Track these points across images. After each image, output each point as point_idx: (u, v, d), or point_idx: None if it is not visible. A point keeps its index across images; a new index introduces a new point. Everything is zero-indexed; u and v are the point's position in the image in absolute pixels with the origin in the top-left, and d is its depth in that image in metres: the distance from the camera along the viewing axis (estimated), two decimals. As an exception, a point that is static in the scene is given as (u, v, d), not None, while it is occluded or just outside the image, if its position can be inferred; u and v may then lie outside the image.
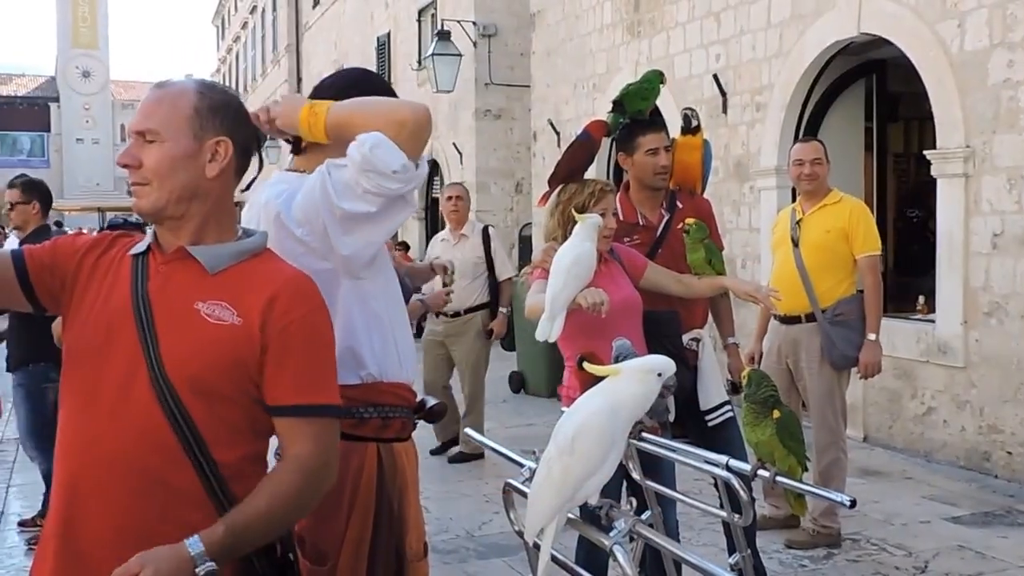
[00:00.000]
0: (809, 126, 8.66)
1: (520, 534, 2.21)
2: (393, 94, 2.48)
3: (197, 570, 1.66)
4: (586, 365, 2.03)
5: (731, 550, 3.94)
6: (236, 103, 1.96)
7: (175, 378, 1.78)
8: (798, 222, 5.28)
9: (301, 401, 1.85)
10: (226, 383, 1.81)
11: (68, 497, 1.80)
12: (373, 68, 18.88)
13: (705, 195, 4.43)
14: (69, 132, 62.01)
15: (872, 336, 5.13)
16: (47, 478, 5.48)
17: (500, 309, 7.32)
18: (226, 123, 1.90)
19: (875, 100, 8.85)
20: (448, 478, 6.73)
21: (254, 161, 2.05)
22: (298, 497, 1.82)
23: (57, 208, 43.41)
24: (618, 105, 4.10)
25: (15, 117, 62.48)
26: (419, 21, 17.96)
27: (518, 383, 10.41)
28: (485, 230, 7.39)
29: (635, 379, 1.97)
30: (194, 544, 1.68)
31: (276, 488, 1.80)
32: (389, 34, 19.60)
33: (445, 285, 5.07)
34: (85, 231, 3.24)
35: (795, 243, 5.25)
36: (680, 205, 4.14)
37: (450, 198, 7.31)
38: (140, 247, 1.92)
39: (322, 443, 1.86)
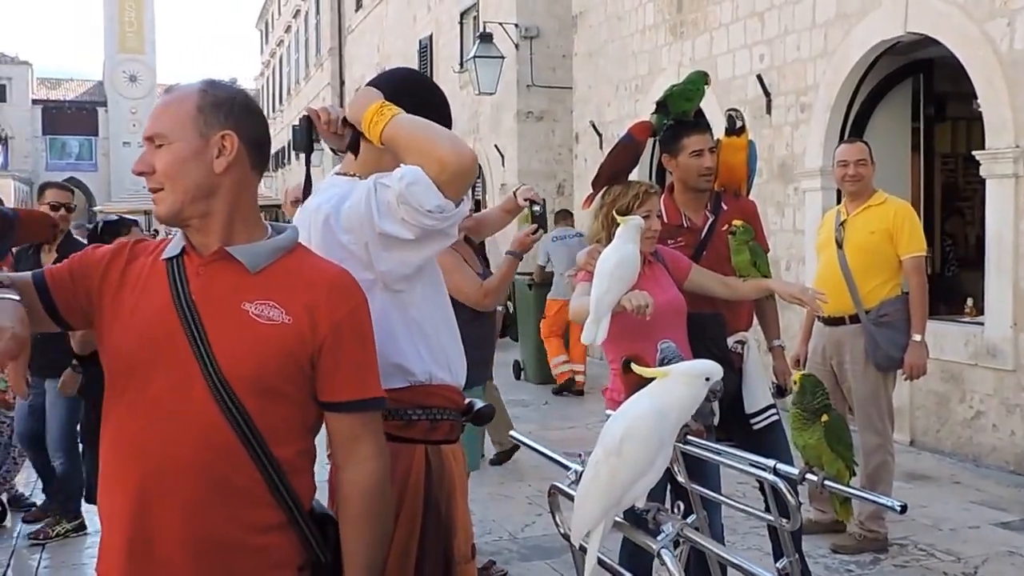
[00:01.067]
0: (855, 127, 8.57)
1: (566, 537, 2.21)
2: (439, 93, 2.48)
3: None
4: (634, 367, 2.02)
5: (776, 554, 3.90)
6: (241, 97, 1.95)
7: (232, 379, 1.79)
8: (842, 223, 5.24)
9: (356, 396, 1.90)
10: (281, 381, 1.83)
11: (137, 505, 1.80)
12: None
13: (750, 196, 4.40)
14: (116, 136, 62.86)
15: (917, 337, 5.07)
16: (64, 479, 5.64)
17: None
18: (231, 117, 1.88)
19: (922, 100, 8.74)
20: (491, 480, 6.74)
21: (295, 167, 2.06)
22: (386, 499, 1.97)
23: (105, 211, 44.06)
24: (662, 106, 4.08)
25: (64, 121, 63.49)
26: (461, 24, 18.00)
27: (517, 371, 11.35)
28: None
29: (682, 382, 1.96)
30: None
31: (371, 508, 1.92)
32: (431, 37, 19.66)
33: (534, 215, 4.58)
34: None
35: (839, 244, 5.21)
36: (725, 207, 4.12)
37: None
38: (173, 250, 1.91)
39: (379, 435, 1.96)
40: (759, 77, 9.38)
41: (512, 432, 3.01)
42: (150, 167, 1.85)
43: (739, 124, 4.23)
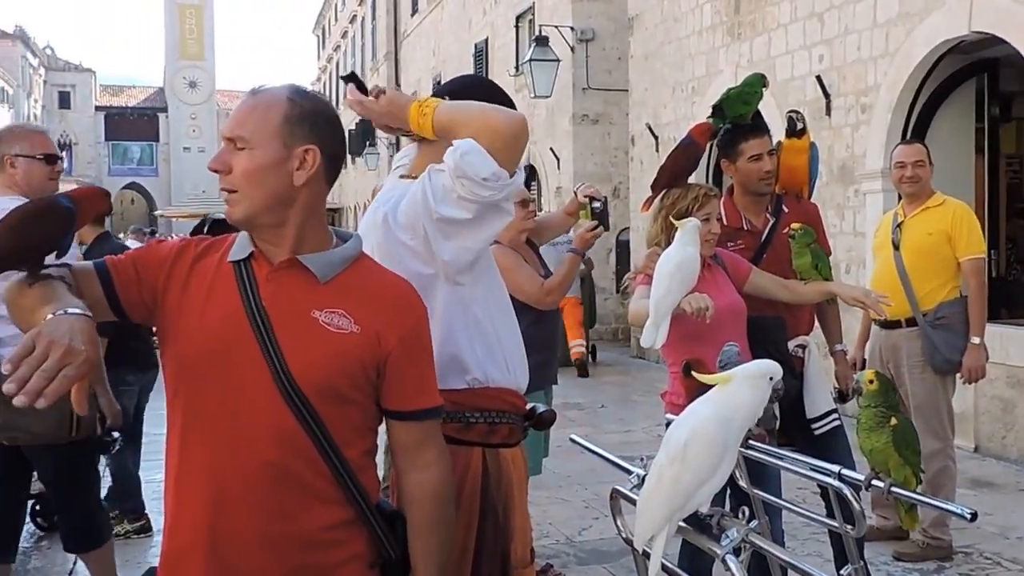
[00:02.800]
0: (917, 127, 8.43)
1: (628, 541, 2.20)
2: (508, 100, 2.48)
3: None
4: (695, 373, 2.01)
5: (838, 561, 3.86)
6: (327, 111, 1.95)
7: (304, 385, 1.81)
8: (899, 225, 5.18)
9: (419, 406, 1.93)
10: (349, 387, 1.85)
11: (213, 508, 1.82)
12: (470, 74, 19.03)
13: (811, 199, 4.35)
14: (177, 141, 63.94)
15: (975, 340, 4.99)
16: (120, 480, 5.78)
17: None
18: (315, 131, 1.88)
19: (986, 100, 8.57)
20: (547, 483, 6.73)
21: (351, 170, 2.07)
22: (450, 503, 2.00)
23: (165, 215, 44.80)
24: (719, 110, 4.05)
25: (126, 127, 64.69)
26: (516, 27, 18.03)
27: None
28: None
29: (748, 385, 1.94)
30: None
31: (436, 512, 1.95)
32: (487, 40, 19.73)
33: (595, 212, 4.47)
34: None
35: (896, 246, 5.14)
36: (786, 209, 4.07)
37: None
38: (239, 253, 1.91)
39: (440, 440, 1.99)
40: (818, 78, 9.27)
41: (572, 435, 3.00)
42: (227, 167, 1.85)
43: (800, 126, 4.18)
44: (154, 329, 2.00)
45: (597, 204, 4.34)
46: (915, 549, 5.07)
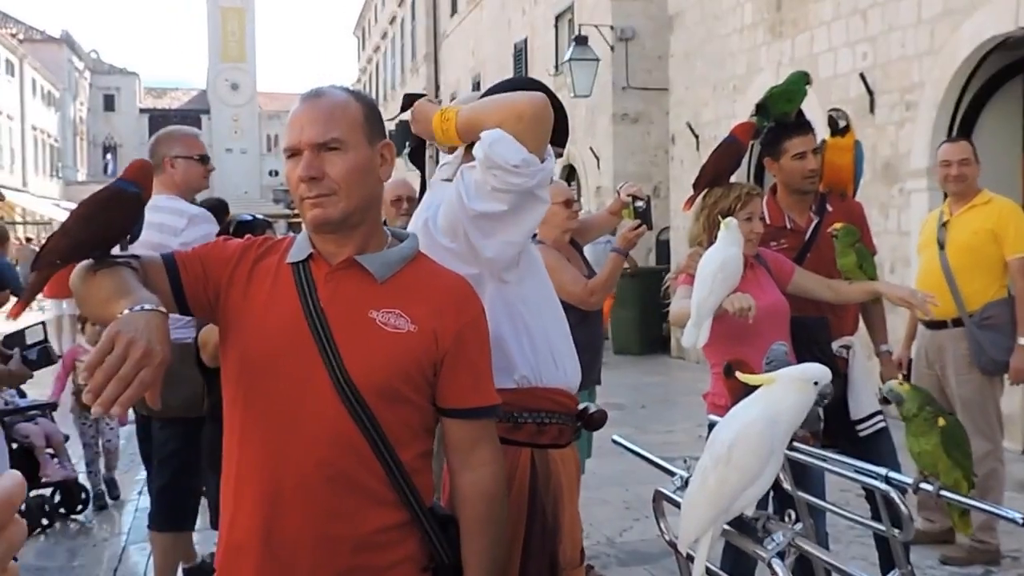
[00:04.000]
0: (963, 125, 8.31)
1: (672, 544, 2.18)
2: (558, 104, 2.47)
3: None
4: (739, 374, 1.98)
5: (883, 565, 3.80)
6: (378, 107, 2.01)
7: (361, 386, 1.82)
8: (944, 224, 5.10)
9: (475, 404, 1.94)
10: (406, 388, 1.86)
11: (269, 507, 1.84)
12: (510, 74, 19.05)
13: (855, 198, 4.30)
14: (219, 143, 64.64)
15: (1022, 340, 4.90)
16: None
17: None
18: (382, 128, 1.94)
19: (1034, 97, 8.44)
20: (588, 484, 6.67)
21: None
22: (503, 503, 2.01)
23: (208, 216, 45.09)
24: (762, 108, 4.01)
25: (169, 129, 65.36)
26: (556, 27, 18.02)
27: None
28: None
29: (792, 388, 1.92)
30: None
31: (489, 511, 1.95)
32: (526, 40, 19.73)
33: (637, 211, 4.42)
34: None
35: (941, 246, 5.07)
36: (830, 208, 4.03)
37: None
38: (298, 255, 1.93)
39: (495, 440, 2.00)
40: (862, 76, 9.17)
41: (615, 436, 2.98)
42: (321, 172, 1.85)
43: (843, 124, 4.14)
44: None
45: (640, 203, 4.32)
46: (962, 553, 4.99)
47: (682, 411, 9.32)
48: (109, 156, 65.23)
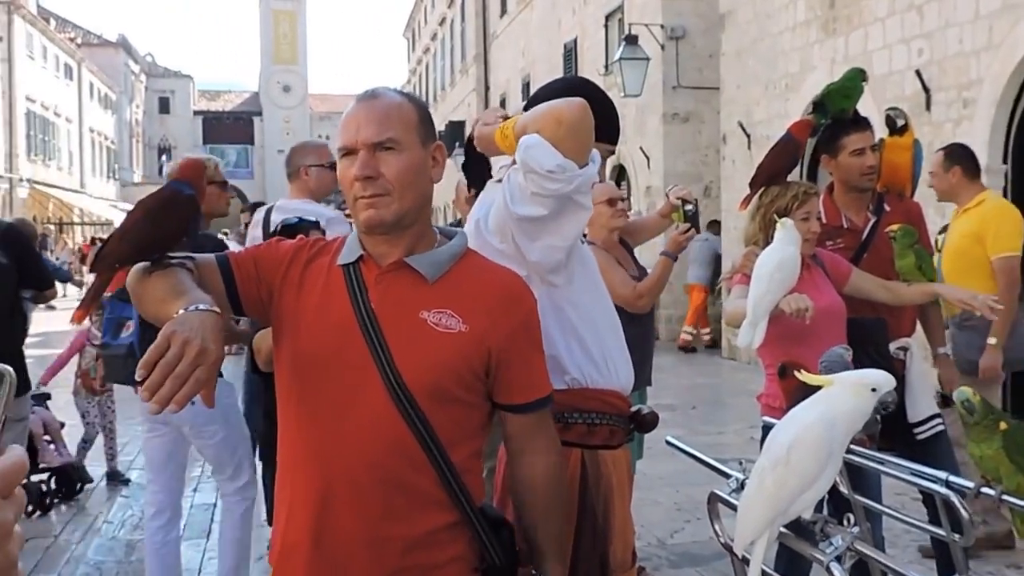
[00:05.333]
0: (1022, 123, 8.15)
1: (727, 546, 2.16)
2: (608, 103, 2.46)
3: None
4: (799, 374, 1.96)
5: (940, 569, 3.74)
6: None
7: (412, 387, 1.82)
8: (944, 228, 5.13)
9: (530, 399, 1.94)
10: (457, 387, 1.86)
11: (321, 507, 1.85)
12: (560, 75, 19.02)
13: (913, 198, 4.23)
14: (271, 144, 65.29)
15: (992, 340, 4.89)
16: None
17: None
18: (434, 129, 1.96)
19: (1096, 93, 8.25)
20: (639, 485, 6.65)
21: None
22: (563, 488, 2.02)
23: (260, 216, 45.70)
24: (819, 106, 3.96)
25: (223, 131, 66.34)
26: (606, 26, 17.97)
27: None
28: None
29: (850, 392, 1.89)
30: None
31: (553, 493, 1.97)
32: (576, 40, 19.69)
33: (687, 215, 4.39)
34: None
35: (938, 249, 5.11)
36: (888, 208, 3.97)
37: None
38: (349, 256, 1.94)
39: (552, 429, 2.00)
40: (918, 73, 9.03)
41: (668, 437, 2.97)
42: (376, 171, 1.86)
43: (901, 123, 4.08)
44: None
45: (689, 207, 4.29)
46: None
47: (733, 412, 9.26)
48: (164, 158, 66.12)
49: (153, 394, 1.55)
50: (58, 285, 5.99)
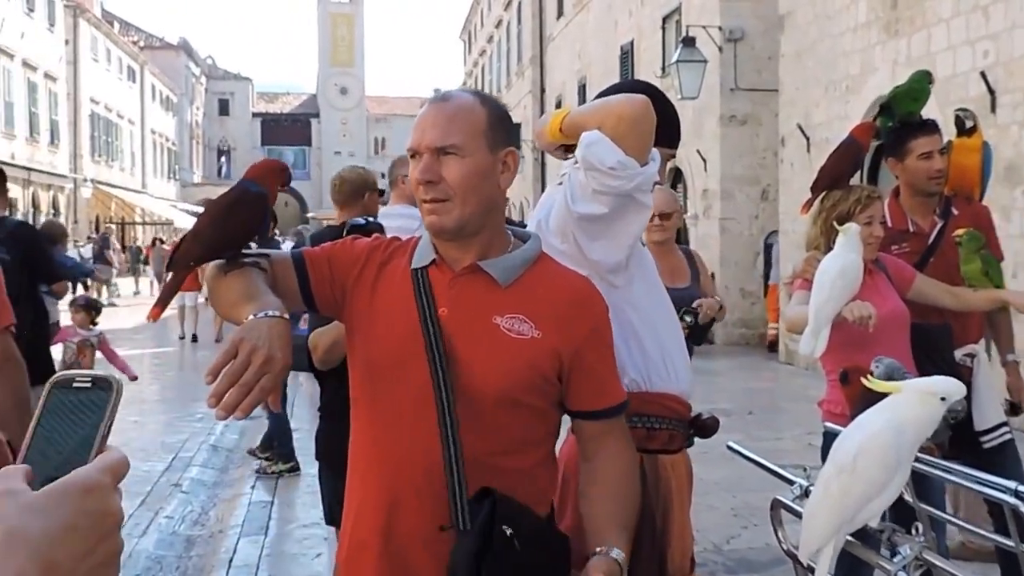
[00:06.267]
0: (1092, 125, 7.98)
1: (790, 553, 2.14)
2: (670, 106, 2.45)
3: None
4: (866, 380, 1.93)
5: (1007, 581, 3.67)
6: (509, 113, 2.00)
7: (479, 393, 1.81)
8: None
9: (604, 405, 1.92)
10: (527, 394, 1.84)
11: (388, 509, 1.86)
12: (616, 77, 18.98)
13: (982, 201, 4.15)
14: (328, 146, 65.98)
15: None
16: (272, 429, 7.33)
17: None
18: (510, 133, 1.93)
19: None
20: (695, 490, 6.64)
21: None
22: (636, 487, 1.97)
23: (316, 217, 46.44)
24: (885, 108, 3.91)
25: (281, 133, 67.11)
26: (663, 28, 17.88)
27: None
28: None
29: (916, 399, 1.86)
30: (618, 554, 1.81)
31: (626, 488, 1.92)
32: (632, 42, 19.63)
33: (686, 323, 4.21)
34: None
35: None
36: (955, 212, 3.90)
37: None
38: (421, 260, 1.93)
39: (625, 431, 1.98)
40: (983, 74, 8.86)
41: (729, 443, 2.94)
42: (438, 175, 1.84)
43: (970, 124, 4.00)
44: None
45: (688, 318, 4.07)
46: None
47: (791, 418, 9.14)
48: (223, 159, 67.20)
49: (219, 400, 1.57)
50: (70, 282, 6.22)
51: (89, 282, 21.74)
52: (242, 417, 1.58)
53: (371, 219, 3.94)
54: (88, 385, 0.84)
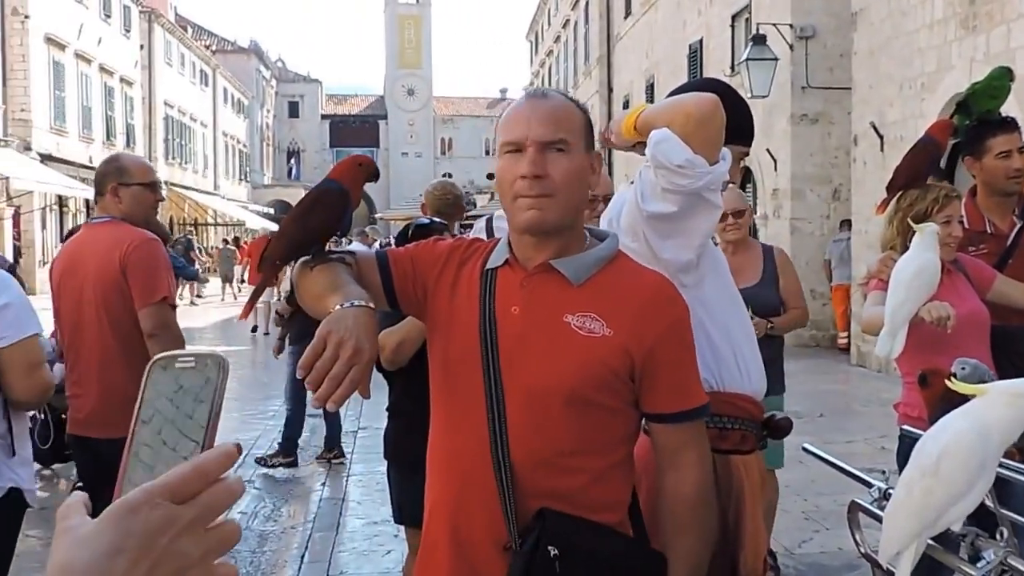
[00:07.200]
0: None
1: (868, 557, 2.12)
2: (743, 104, 2.44)
3: None
4: (950, 382, 1.90)
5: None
6: None
7: (548, 391, 1.81)
8: None
9: (681, 408, 1.89)
10: (598, 393, 1.83)
11: (456, 508, 1.89)
12: (684, 76, 18.85)
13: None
14: (395, 147, 66.52)
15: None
16: (287, 422, 7.67)
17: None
18: (594, 137, 1.94)
19: None
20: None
21: None
22: (709, 507, 1.96)
23: (384, 218, 46.88)
24: (963, 106, 3.84)
25: (349, 134, 67.80)
26: (732, 26, 17.72)
27: None
28: None
29: (1003, 402, 1.83)
30: None
31: (694, 515, 1.91)
32: (701, 41, 19.48)
33: None
34: None
35: None
36: (1035, 212, 3.82)
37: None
38: (496, 261, 1.94)
39: (703, 442, 1.94)
40: (1065, 71, 8.64)
41: (805, 444, 2.91)
42: (545, 171, 1.84)
43: (1051, 122, 3.91)
44: None
45: None
46: None
47: (863, 421, 9.00)
48: (293, 160, 68.10)
49: (316, 389, 1.61)
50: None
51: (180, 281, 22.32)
52: (335, 408, 1.61)
53: (435, 219, 3.98)
54: (191, 364, 0.80)
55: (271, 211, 51.19)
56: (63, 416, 4.83)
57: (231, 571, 0.76)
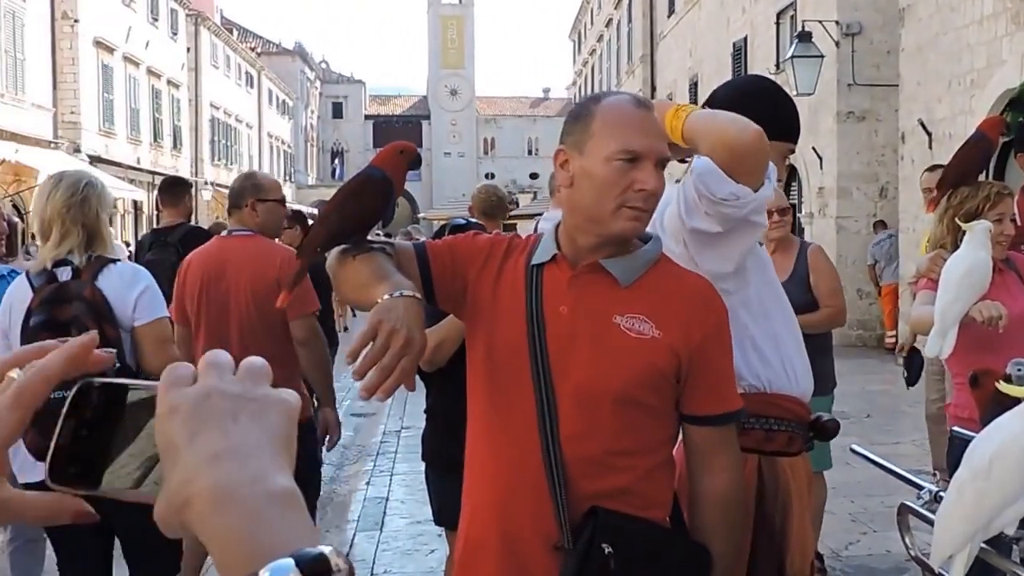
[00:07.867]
0: None
1: (919, 560, 2.09)
2: (788, 101, 2.41)
3: None
4: (1001, 385, 1.87)
5: None
6: None
7: (598, 392, 1.82)
8: None
9: (718, 410, 1.90)
10: (644, 394, 1.84)
11: (502, 507, 1.89)
12: (728, 74, 18.72)
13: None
14: (438, 147, 66.66)
15: None
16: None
17: None
18: None
19: None
20: (811, 494, 6.50)
21: None
22: (740, 510, 1.97)
23: (427, 217, 47.11)
24: (1015, 102, 3.78)
25: (392, 134, 67.95)
26: (777, 24, 17.58)
27: None
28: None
29: (1058, 403, 1.80)
30: None
31: (725, 518, 1.91)
32: (745, 39, 19.33)
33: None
34: None
35: None
36: (1090, 209, 3.75)
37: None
38: (543, 257, 1.92)
39: (735, 446, 1.95)
40: (1119, 65, 8.47)
41: (853, 446, 2.88)
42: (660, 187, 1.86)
43: (1106, 118, 3.84)
44: None
45: None
46: None
47: (911, 422, 8.86)
48: (337, 161, 68.55)
49: (362, 377, 1.60)
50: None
51: None
52: (384, 399, 1.59)
53: (471, 220, 3.99)
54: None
55: (315, 211, 51.53)
56: None
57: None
